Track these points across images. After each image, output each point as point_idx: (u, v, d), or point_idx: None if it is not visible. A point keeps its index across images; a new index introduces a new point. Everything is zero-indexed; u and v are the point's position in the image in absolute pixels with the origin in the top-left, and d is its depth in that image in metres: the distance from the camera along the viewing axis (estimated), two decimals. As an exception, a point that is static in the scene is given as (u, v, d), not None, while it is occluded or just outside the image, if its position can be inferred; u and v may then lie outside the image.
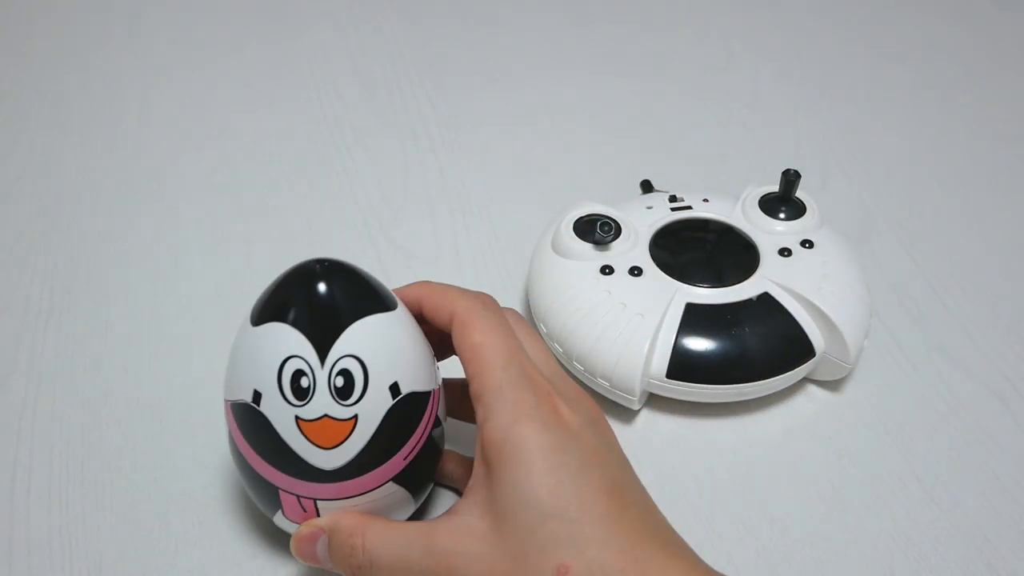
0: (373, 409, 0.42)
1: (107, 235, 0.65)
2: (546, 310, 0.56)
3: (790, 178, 0.59)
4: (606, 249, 0.56)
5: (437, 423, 0.46)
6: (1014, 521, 0.51)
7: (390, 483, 0.44)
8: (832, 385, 0.57)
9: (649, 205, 0.60)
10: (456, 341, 0.43)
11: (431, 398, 0.45)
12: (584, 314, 0.54)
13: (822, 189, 0.69)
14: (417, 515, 0.49)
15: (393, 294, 0.45)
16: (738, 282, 0.55)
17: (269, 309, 0.43)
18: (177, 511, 0.51)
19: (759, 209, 0.59)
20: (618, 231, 0.57)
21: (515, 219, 0.65)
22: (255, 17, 0.81)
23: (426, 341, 0.46)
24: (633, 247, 0.57)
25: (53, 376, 0.57)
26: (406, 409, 0.43)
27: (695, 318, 0.54)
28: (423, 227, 0.65)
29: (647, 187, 0.66)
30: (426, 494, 0.48)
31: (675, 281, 0.55)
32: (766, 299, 0.54)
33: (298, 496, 0.44)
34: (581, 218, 0.58)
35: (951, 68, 0.76)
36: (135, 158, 0.70)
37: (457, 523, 0.40)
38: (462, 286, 0.61)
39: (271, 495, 0.45)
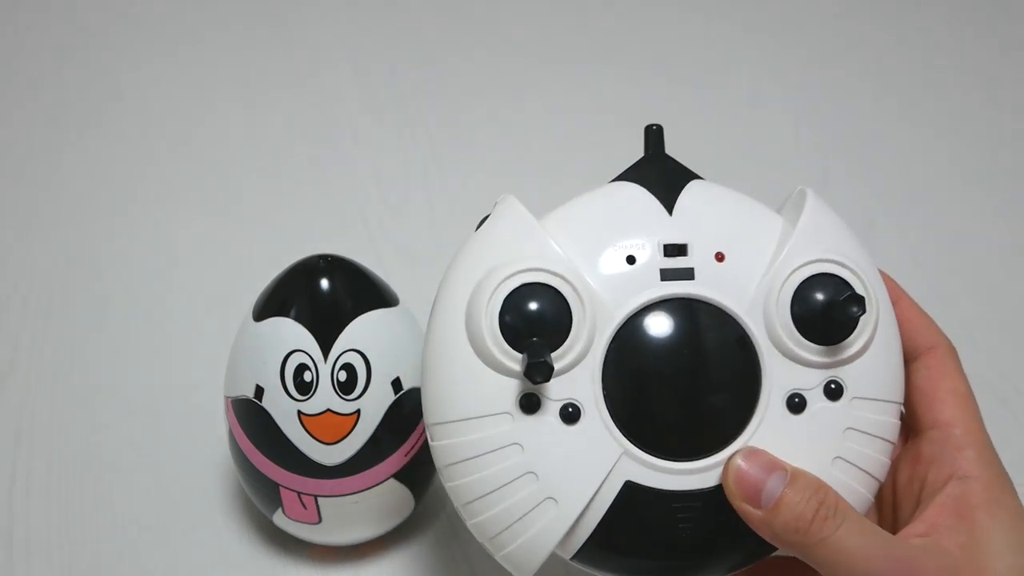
0: (375, 404, 0.43)
1: (107, 235, 0.65)
2: (437, 429, 0.38)
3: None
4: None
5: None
6: (1016, 519, 0.50)
7: (391, 480, 0.44)
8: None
9: (631, 253, 0.38)
10: (929, 372, 0.42)
11: (432, 395, 0.45)
12: (480, 475, 0.37)
13: (822, 189, 0.69)
14: (419, 516, 0.49)
15: (394, 291, 0.45)
16: (708, 453, 0.37)
17: (272, 304, 0.43)
18: (177, 511, 0.50)
19: (790, 315, 0.37)
20: (567, 325, 0.36)
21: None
22: (254, 17, 0.81)
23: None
24: (581, 357, 0.37)
25: (53, 376, 0.57)
26: (408, 405, 0.44)
27: (632, 504, 0.37)
28: (423, 227, 0.65)
29: (653, 139, 0.43)
30: (425, 493, 0.48)
31: (620, 440, 0.37)
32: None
33: (299, 493, 0.44)
34: (518, 289, 0.36)
35: (952, 67, 0.76)
36: (135, 158, 0.70)
37: (928, 548, 0.39)
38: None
39: (271, 492, 0.45)
